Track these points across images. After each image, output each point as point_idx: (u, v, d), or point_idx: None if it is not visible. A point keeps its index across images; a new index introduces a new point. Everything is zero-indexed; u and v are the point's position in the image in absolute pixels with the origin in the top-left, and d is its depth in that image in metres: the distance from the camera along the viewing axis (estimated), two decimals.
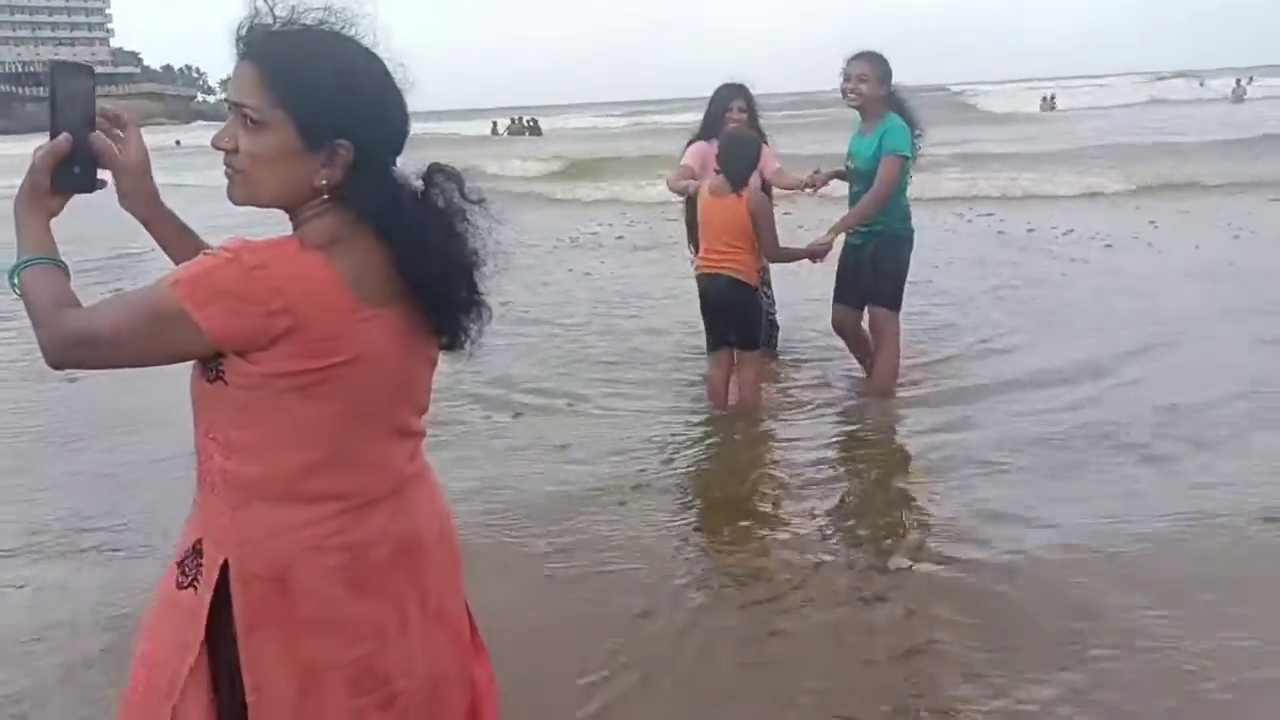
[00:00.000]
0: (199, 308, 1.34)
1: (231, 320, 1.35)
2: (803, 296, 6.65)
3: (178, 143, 39.85)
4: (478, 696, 1.73)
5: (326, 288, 1.40)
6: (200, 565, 1.48)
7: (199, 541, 1.49)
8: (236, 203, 1.46)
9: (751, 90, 5.70)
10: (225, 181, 1.45)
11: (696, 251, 5.24)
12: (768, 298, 5.75)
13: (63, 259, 1.51)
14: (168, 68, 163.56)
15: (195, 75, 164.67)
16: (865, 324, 5.32)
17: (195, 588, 1.47)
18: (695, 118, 5.96)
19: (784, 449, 4.67)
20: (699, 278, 5.03)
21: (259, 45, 1.40)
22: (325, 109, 1.39)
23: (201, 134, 28.50)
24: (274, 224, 1.46)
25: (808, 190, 5.51)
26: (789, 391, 5.49)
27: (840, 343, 5.53)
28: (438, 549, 1.62)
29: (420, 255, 1.44)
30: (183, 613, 1.48)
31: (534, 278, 8.71)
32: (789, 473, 4.32)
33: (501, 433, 4.88)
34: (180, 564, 1.50)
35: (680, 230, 6.39)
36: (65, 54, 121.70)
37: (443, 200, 1.49)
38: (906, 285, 5.20)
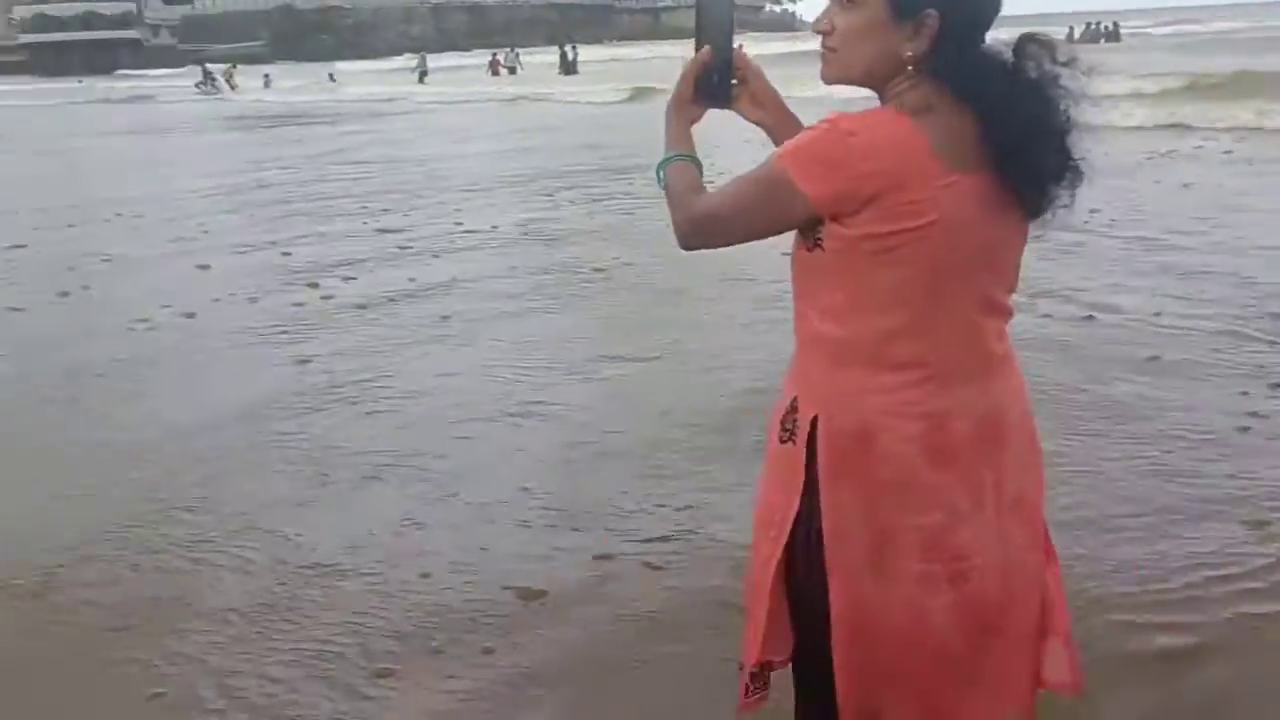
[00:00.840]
0: (801, 173, 1.46)
1: (828, 183, 1.45)
2: None
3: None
4: (1049, 600, 1.71)
5: (914, 152, 1.46)
6: (796, 420, 1.60)
7: (795, 399, 1.61)
8: (828, 81, 1.55)
9: None
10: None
11: None
12: None
13: (697, 156, 1.70)
14: None
15: None
16: None
17: (794, 441, 1.59)
18: None
19: None
20: None
21: None
22: None
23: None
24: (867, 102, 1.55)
25: None
26: None
27: None
28: (1018, 436, 1.63)
29: (1008, 126, 1.46)
30: (785, 464, 1.61)
31: None
32: None
33: None
34: (781, 420, 1.62)
35: None
36: None
37: (1035, 70, 1.49)
38: None
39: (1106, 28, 42.82)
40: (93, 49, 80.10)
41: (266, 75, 43.37)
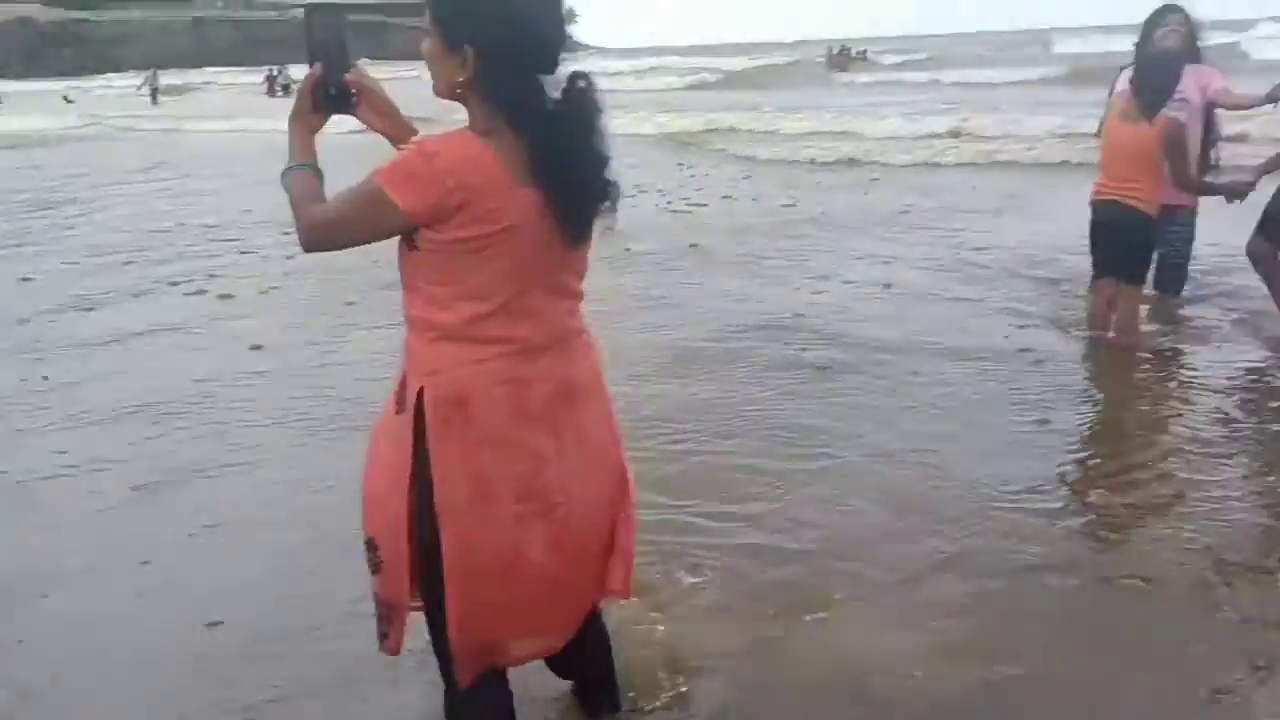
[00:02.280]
0: (395, 190, 1.71)
1: (419, 198, 1.71)
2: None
3: None
4: (618, 522, 2.05)
5: (487, 167, 1.72)
6: (405, 393, 1.86)
7: (405, 375, 1.87)
8: (436, 95, 1.85)
9: (1188, 9, 5.43)
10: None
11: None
12: (1179, 237, 5.48)
13: (318, 165, 1.92)
14: None
15: None
16: None
17: (405, 410, 1.85)
18: None
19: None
20: (1094, 204, 4.94)
21: None
22: (455, 18, 1.75)
23: None
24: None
25: (1268, 106, 5.25)
26: (1181, 331, 5.30)
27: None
28: (593, 396, 1.95)
29: (548, 150, 1.73)
30: (398, 430, 1.86)
31: None
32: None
33: None
34: (396, 394, 1.89)
35: None
36: None
37: (578, 102, 1.77)
38: None
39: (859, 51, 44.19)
40: None
41: None
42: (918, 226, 8.41)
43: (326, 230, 1.83)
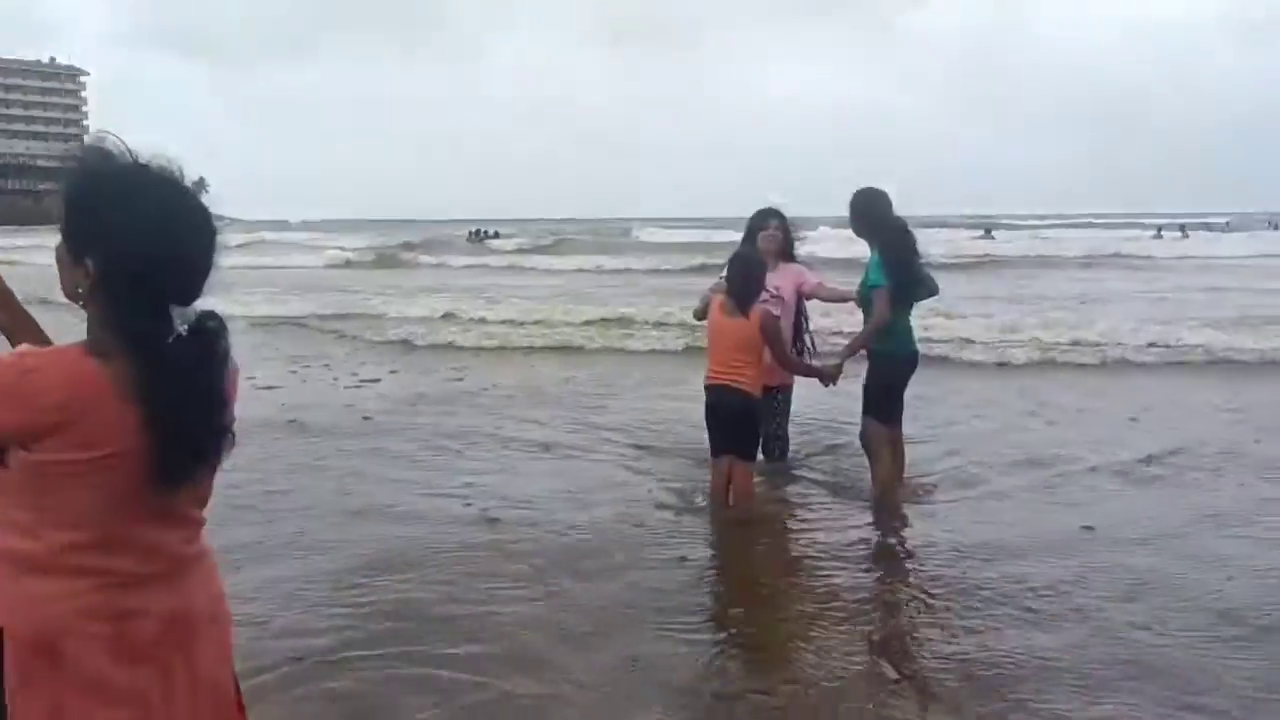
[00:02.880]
0: None
1: (7, 414, 1.54)
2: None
3: None
4: None
5: (93, 389, 1.56)
6: None
7: None
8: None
9: (785, 212, 6.10)
10: None
11: None
12: (779, 411, 6.10)
13: None
14: None
15: None
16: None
17: None
18: None
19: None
20: (708, 388, 5.33)
21: (73, 175, 1.68)
22: (78, 232, 1.62)
23: None
24: None
25: (857, 303, 5.75)
26: (787, 499, 5.85)
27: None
28: (210, 626, 1.75)
29: (155, 382, 1.58)
30: None
31: None
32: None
33: None
34: None
35: None
36: (39, 148, 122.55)
37: (198, 343, 1.64)
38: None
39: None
40: None
41: None
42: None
43: None
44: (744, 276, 5.26)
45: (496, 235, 48.97)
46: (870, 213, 5.55)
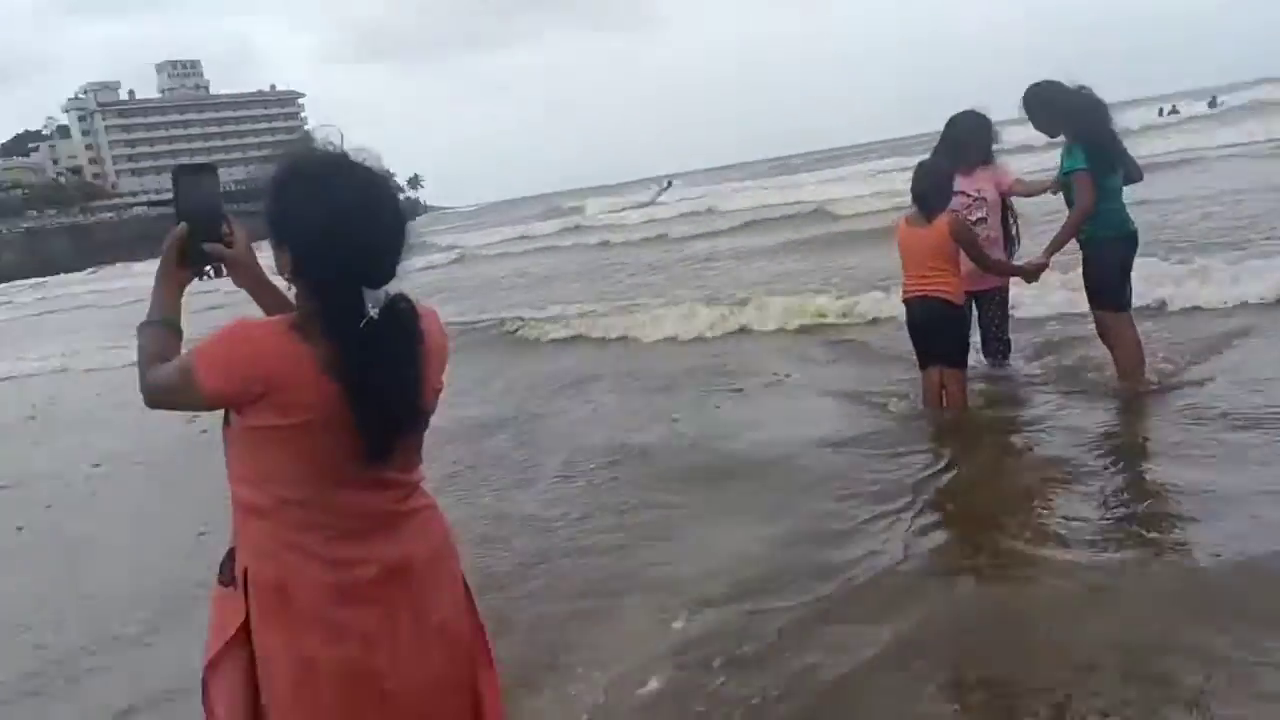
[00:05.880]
0: (204, 370, 1.70)
1: (223, 381, 1.69)
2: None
3: None
4: (481, 697, 1.94)
5: (296, 359, 1.68)
6: (231, 567, 1.81)
7: (233, 550, 1.82)
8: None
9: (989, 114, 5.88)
10: None
11: None
12: (996, 313, 5.93)
13: (178, 321, 1.88)
14: None
15: None
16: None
17: (235, 585, 1.80)
18: None
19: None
20: (906, 303, 5.31)
21: (276, 164, 1.79)
22: (276, 218, 1.74)
23: None
24: None
25: (1052, 192, 5.56)
26: (1017, 399, 5.64)
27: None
28: (432, 572, 1.85)
29: (352, 360, 1.69)
30: (224, 603, 1.82)
31: None
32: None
33: None
34: (220, 563, 1.84)
35: None
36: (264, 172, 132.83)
37: (393, 322, 1.72)
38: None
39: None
40: None
41: None
42: None
43: (155, 395, 1.81)
44: (929, 184, 5.12)
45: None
46: (1051, 100, 5.20)
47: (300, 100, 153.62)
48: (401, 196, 2.01)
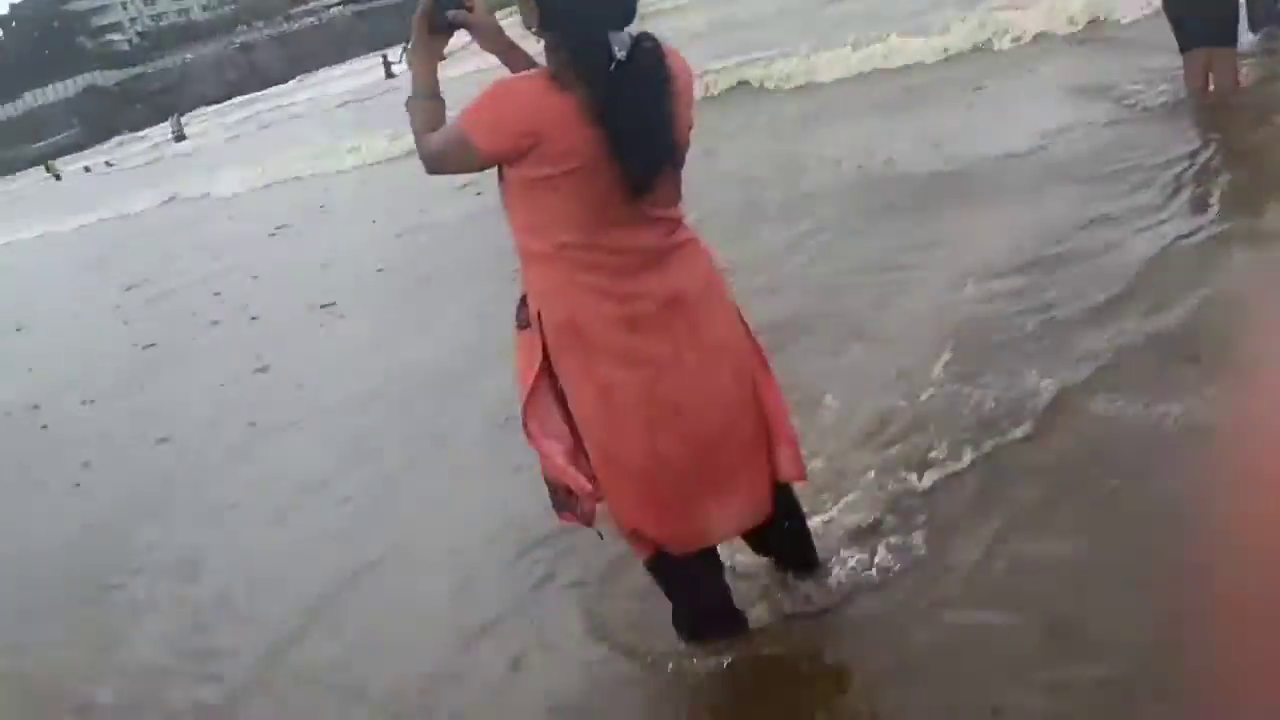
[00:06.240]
0: (474, 132, 1.81)
1: (494, 140, 1.80)
2: None
3: None
4: (770, 414, 2.07)
5: (561, 111, 1.76)
6: (525, 312, 1.97)
7: (525, 295, 1.98)
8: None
9: None
10: None
11: None
12: None
13: (438, 92, 1.97)
14: None
15: None
16: None
17: (531, 328, 1.96)
18: None
19: None
20: None
21: None
22: None
23: None
24: None
25: None
26: None
27: None
28: (705, 300, 1.97)
29: (609, 101, 1.75)
30: (525, 344, 1.99)
31: None
32: None
33: None
34: (515, 311, 2.00)
35: None
36: None
37: (641, 62, 1.78)
38: None
39: None
40: None
41: (87, 167, 38.70)
42: None
43: (435, 162, 1.94)
44: None
45: None
46: None
47: None
48: None
